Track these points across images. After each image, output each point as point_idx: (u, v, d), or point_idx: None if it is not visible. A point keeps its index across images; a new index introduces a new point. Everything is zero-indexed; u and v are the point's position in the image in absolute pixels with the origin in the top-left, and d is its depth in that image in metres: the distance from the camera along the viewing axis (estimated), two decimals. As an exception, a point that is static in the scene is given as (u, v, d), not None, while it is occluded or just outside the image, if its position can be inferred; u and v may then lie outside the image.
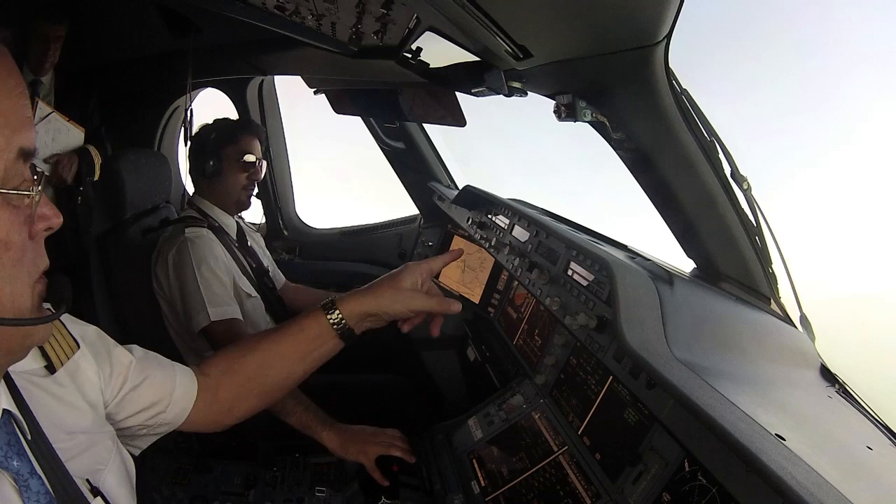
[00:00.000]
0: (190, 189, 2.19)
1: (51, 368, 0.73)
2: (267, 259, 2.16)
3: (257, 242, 2.16)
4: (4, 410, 0.62)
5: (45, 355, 0.73)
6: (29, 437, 0.63)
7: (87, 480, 0.72)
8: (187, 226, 1.79)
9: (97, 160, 2.34)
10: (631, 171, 1.34)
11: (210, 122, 1.98)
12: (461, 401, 2.20)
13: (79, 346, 0.78)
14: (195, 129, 1.95)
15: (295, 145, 3.09)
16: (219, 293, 1.70)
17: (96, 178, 2.26)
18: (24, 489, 0.61)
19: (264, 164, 2.01)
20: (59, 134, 2.27)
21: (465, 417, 1.60)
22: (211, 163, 1.87)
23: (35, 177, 0.57)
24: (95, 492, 0.72)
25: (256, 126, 2.04)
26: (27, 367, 0.70)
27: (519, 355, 1.75)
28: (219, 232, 1.88)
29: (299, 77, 2.20)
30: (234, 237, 1.96)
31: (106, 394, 0.83)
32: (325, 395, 1.88)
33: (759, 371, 1.25)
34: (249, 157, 1.92)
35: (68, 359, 0.75)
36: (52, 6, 2.11)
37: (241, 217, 2.10)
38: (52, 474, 0.64)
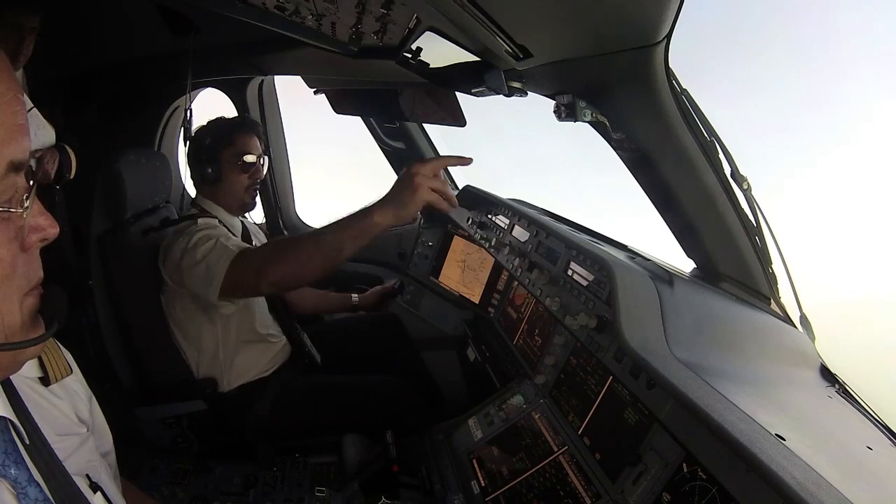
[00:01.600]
0: (191, 190, 2.18)
1: (45, 381, 0.72)
2: (269, 259, 2.15)
3: (260, 242, 2.16)
4: (1, 417, 0.61)
5: (41, 366, 0.72)
6: (27, 442, 0.63)
7: (87, 476, 0.72)
8: (199, 217, 1.75)
9: (73, 158, 2.28)
10: (631, 171, 1.34)
11: (204, 124, 1.91)
12: (461, 401, 2.19)
13: (72, 371, 0.77)
14: (192, 131, 1.89)
15: (295, 145, 3.10)
16: (238, 243, 1.64)
17: (72, 175, 2.20)
18: (23, 496, 0.60)
19: (265, 159, 1.95)
20: (39, 129, 2.22)
21: (465, 417, 1.60)
22: (210, 170, 1.82)
23: (31, 182, 0.53)
24: (95, 487, 0.72)
25: (252, 123, 1.98)
26: (24, 373, 0.70)
27: (519, 355, 1.75)
28: None
29: (299, 77, 2.20)
30: (239, 238, 1.95)
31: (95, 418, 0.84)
32: (326, 395, 1.88)
33: (759, 371, 1.25)
34: (249, 158, 1.86)
35: (63, 377, 0.75)
36: None
37: (244, 217, 2.09)
38: (51, 478, 0.63)
